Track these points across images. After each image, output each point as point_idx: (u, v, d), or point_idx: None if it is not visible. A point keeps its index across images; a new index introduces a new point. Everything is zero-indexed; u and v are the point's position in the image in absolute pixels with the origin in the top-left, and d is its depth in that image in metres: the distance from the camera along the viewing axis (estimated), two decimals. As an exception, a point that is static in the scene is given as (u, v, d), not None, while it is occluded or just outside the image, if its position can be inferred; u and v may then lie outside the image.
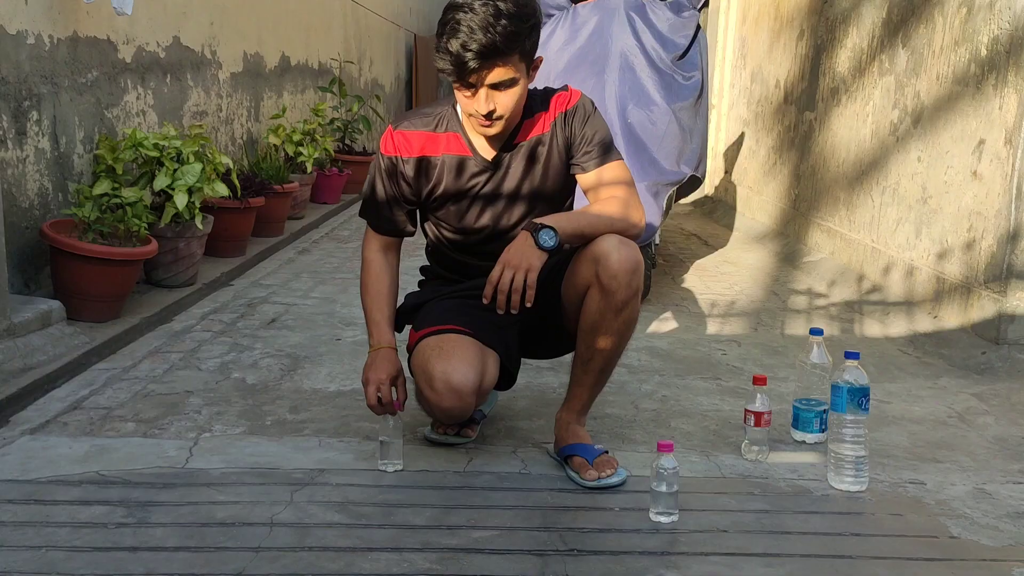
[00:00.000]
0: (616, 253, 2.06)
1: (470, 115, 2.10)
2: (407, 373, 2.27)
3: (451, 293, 2.33)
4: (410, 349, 2.26)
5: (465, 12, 1.98)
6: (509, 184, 2.22)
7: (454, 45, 1.98)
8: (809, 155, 5.30)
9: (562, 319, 2.25)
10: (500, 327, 2.23)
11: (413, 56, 11.18)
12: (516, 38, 2.00)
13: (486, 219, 2.25)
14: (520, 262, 2.04)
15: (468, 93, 2.06)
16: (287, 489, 2.09)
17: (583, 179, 2.23)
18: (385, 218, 2.30)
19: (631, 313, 2.12)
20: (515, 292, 2.03)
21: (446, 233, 2.32)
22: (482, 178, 2.22)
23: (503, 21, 1.97)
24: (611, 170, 2.21)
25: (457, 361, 2.09)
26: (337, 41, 7.80)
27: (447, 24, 2.00)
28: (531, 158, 2.21)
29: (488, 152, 2.21)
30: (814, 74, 5.30)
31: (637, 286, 2.10)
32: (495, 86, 2.04)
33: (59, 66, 3.47)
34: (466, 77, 2.02)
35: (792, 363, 3.14)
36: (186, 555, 1.79)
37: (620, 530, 1.95)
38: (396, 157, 2.23)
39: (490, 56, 1.98)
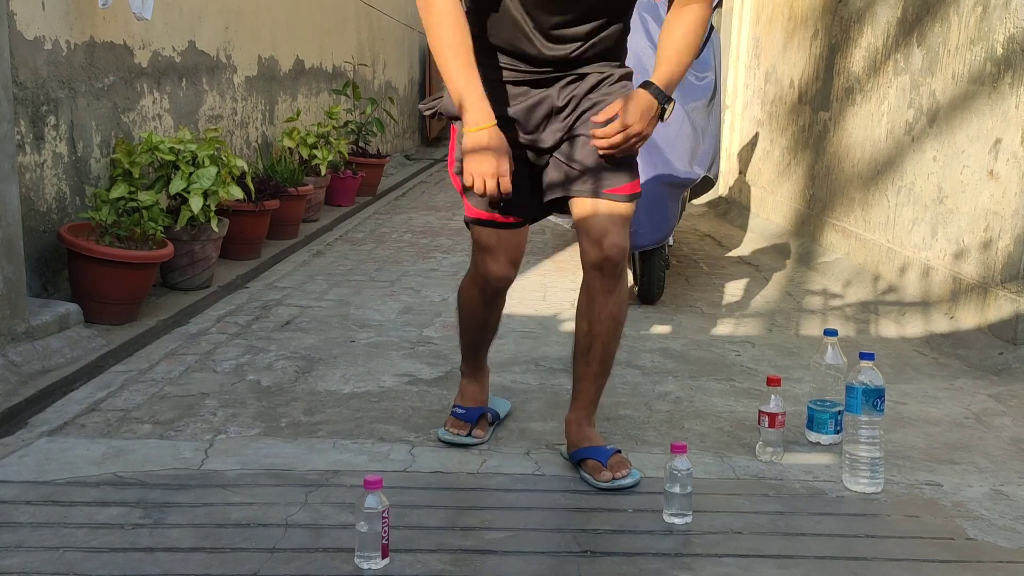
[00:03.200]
0: (607, 238, 2.12)
1: None
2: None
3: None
4: (467, 219, 2.25)
5: None
6: None
7: None
8: (824, 155, 5.28)
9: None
10: (528, 182, 2.20)
11: (427, 58, 11.21)
12: None
13: None
14: (645, 129, 2.05)
15: None
16: (302, 490, 2.10)
17: None
18: None
19: (621, 296, 2.19)
20: (626, 152, 2.07)
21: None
22: None
23: None
24: None
25: (505, 262, 2.21)
26: (351, 44, 7.83)
27: None
28: None
29: None
30: (828, 74, 5.28)
31: (624, 268, 2.18)
32: None
33: (76, 71, 3.50)
34: None
35: (807, 364, 3.13)
36: (202, 556, 1.81)
37: (634, 531, 1.95)
38: None
39: None
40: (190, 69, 4.54)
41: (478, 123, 1.99)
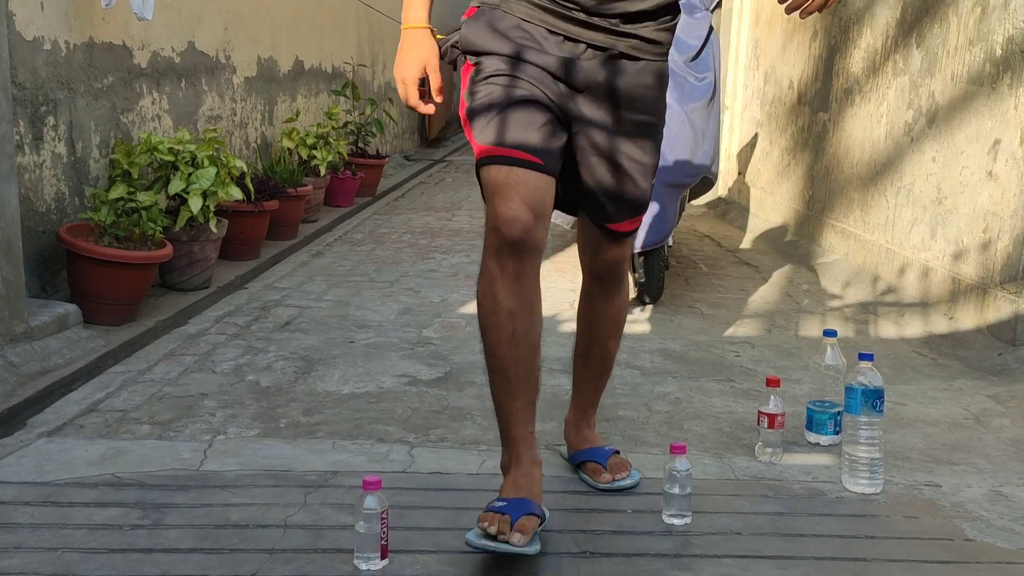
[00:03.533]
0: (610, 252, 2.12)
1: None
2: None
3: (515, 68, 1.93)
4: (478, 162, 1.92)
5: None
6: None
7: None
8: (823, 156, 5.28)
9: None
10: (555, 130, 1.93)
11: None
12: None
13: None
14: None
15: None
16: (301, 491, 2.10)
17: None
18: None
19: (621, 299, 2.19)
20: (823, 5, 1.83)
21: None
22: None
23: None
24: None
25: (519, 203, 1.83)
26: (350, 45, 7.83)
27: None
28: None
29: None
30: (828, 75, 5.28)
31: (624, 273, 2.17)
32: None
33: (75, 71, 3.50)
34: None
35: (806, 365, 3.13)
36: (200, 557, 1.81)
37: (633, 532, 1.95)
38: None
39: None
40: (189, 70, 4.54)
41: (407, 21, 1.95)
